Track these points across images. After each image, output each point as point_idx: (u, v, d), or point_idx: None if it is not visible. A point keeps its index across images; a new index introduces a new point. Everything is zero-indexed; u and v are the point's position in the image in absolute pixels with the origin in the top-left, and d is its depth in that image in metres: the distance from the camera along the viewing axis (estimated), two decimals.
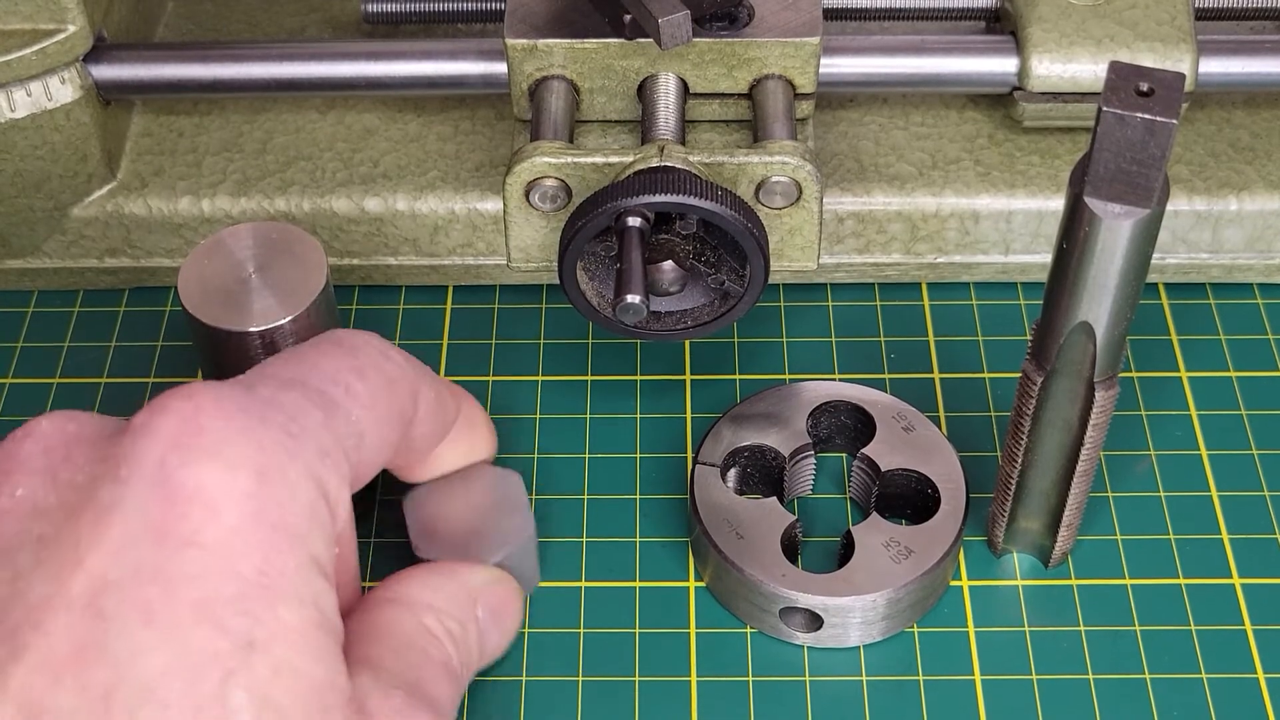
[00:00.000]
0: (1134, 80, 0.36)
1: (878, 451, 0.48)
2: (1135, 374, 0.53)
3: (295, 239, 0.45)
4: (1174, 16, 0.52)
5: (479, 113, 0.56)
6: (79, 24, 0.50)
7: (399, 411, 0.40)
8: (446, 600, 0.42)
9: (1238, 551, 0.48)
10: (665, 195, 0.45)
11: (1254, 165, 0.54)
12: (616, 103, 0.50)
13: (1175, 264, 0.55)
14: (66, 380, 0.54)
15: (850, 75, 0.53)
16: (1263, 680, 0.45)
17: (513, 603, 0.44)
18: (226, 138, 0.55)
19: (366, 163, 0.54)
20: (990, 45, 0.53)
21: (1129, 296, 0.39)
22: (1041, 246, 0.54)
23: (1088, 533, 0.49)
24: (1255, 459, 0.51)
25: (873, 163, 0.54)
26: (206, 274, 0.44)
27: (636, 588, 0.48)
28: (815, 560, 0.48)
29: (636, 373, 0.54)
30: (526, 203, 0.48)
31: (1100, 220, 0.37)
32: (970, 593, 0.48)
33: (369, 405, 0.39)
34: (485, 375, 0.54)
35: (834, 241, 0.54)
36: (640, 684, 0.46)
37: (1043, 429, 0.44)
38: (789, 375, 0.54)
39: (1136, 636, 0.46)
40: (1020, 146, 0.55)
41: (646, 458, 0.51)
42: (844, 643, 0.46)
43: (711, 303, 0.49)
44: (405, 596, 0.41)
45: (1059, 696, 0.45)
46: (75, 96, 0.51)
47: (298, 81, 0.53)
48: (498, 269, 0.55)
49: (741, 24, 0.49)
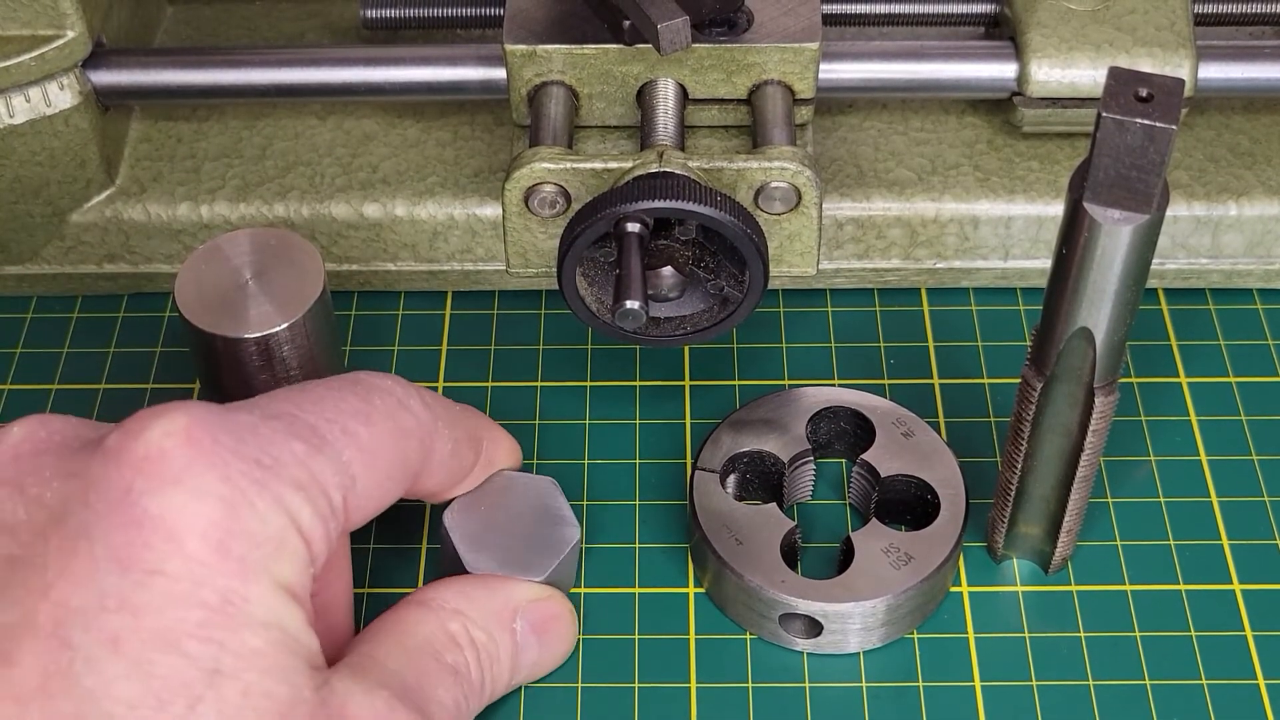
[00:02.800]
0: (1133, 85, 0.36)
1: (877, 457, 0.48)
2: (1135, 379, 0.53)
3: (293, 245, 0.45)
4: (1173, 22, 0.52)
5: (478, 118, 0.56)
6: (78, 30, 0.50)
7: (403, 462, 0.40)
8: (479, 610, 0.42)
9: (1238, 557, 0.48)
10: (664, 201, 0.45)
11: (1253, 170, 0.54)
12: (616, 108, 0.50)
13: (1175, 269, 0.55)
14: (65, 386, 0.54)
15: (849, 81, 0.53)
16: (1263, 686, 0.45)
17: (561, 619, 0.44)
18: (225, 143, 0.55)
19: (365, 168, 0.54)
20: (989, 50, 0.53)
21: (1129, 302, 0.39)
22: (1041, 252, 0.54)
23: (1088, 538, 0.49)
24: (1255, 464, 0.51)
25: (872, 168, 0.54)
26: (203, 280, 0.44)
27: (636, 594, 0.48)
28: (815, 566, 0.48)
29: (636, 378, 0.54)
30: (526, 208, 0.48)
31: (1100, 226, 0.37)
32: (970, 598, 0.48)
33: (368, 450, 0.38)
34: (484, 381, 0.54)
35: (833, 247, 0.54)
36: (640, 690, 0.46)
37: (1042, 434, 0.44)
38: (788, 381, 0.54)
39: (1136, 642, 0.46)
40: (1020, 152, 0.55)
41: (646, 463, 0.51)
42: (843, 649, 0.46)
43: (711, 308, 0.49)
44: (435, 600, 0.41)
45: (1059, 703, 0.45)
46: (74, 102, 0.51)
47: (297, 87, 0.53)
48: (497, 275, 0.55)
49: (741, 29, 0.49)
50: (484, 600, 0.42)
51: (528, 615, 0.43)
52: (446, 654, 0.40)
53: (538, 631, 0.43)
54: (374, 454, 0.39)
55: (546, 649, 0.44)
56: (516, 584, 0.43)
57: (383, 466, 0.39)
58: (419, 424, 0.41)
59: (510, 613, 0.43)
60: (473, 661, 0.41)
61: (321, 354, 0.44)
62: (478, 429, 0.45)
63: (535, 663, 0.44)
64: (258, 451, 0.36)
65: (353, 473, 0.38)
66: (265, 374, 0.44)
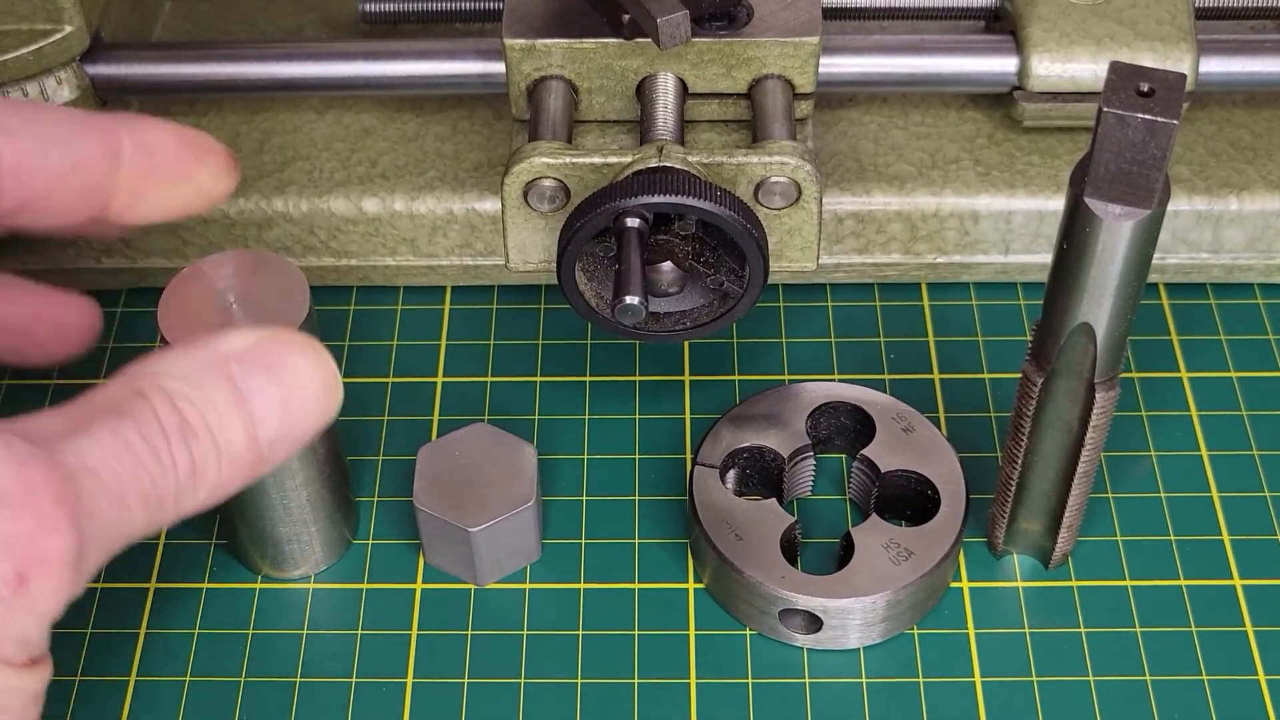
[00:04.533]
0: (1134, 80, 0.36)
1: (877, 452, 0.48)
2: (1136, 374, 0.53)
3: (277, 267, 0.44)
4: (1174, 16, 0.52)
5: (477, 113, 0.56)
6: (76, 24, 0.50)
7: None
8: (176, 365, 0.37)
9: (1238, 552, 0.48)
10: (664, 196, 0.45)
11: (1254, 165, 0.54)
12: (615, 103, 0.50)
13: (1176, 264, 0.55)
14: (64, 381, 0.54)
15: (850, 75, 0.53)
16: (1263, 681, 0.45)
17: (296, 350, 0.38)
18: (224, 138, 0.55)
19: (364, 163, 0.54)
20: (990, 45, 0.53)
21: (1129, 297, 0.39)
22: (1041, 247, 0.54)
23: (1088, 534, 0.49)
24: (1256, 459, 0.51)
25: (872, 163, 0.54)
26: (187, 304, 0.43)
27: (635, 589, 0.48)
28: (815, 562, 0.48)
29: (635, 374, 0.54)
30: (525, 203, 0.48)
31: (1101, 221, 0.37)
32: (970, 594, 0.48)
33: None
34: (483, 376, 0.54)
35: (833, 242, 0.54)
36: (639, 686, 0.46)
37: (1043, 430, 0.44)
38: (788, 376, 0.53)
39: (1137, 638, 0.46)
40: (1020, 146, 0.54)
41: (645, 459, 0.51)
42: (844, 644, 0.46)
43: (710, 303, 0.48)
44: (129, 369, 0.37)
45: (1059, 698, 0.45)
46: (72, 96, 0.51)
47: (295, 81, 0.53)
48: (496, 269, 0.55)
49: (740, 24, 0.49)
50: (182, 356, 0.37)
51: (246, 359, 0.37)
52: (125, 403, 0.36)
53: (266, 369, 0.37)
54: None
55: (293, 388, 0.38)
56: (228, 334, 0.38)
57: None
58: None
59: (218, 360, 0.37)
60: (163, 409, 0.36)
61: None
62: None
63: (286, 405, 0.38)
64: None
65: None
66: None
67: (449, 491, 0.47)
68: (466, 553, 0.47)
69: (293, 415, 0.38)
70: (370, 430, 0.52)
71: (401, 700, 0.45)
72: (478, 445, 0.48)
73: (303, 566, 0.48)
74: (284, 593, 0.48)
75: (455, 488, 0.47)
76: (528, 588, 0.48)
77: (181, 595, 0.48)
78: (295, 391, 0.38)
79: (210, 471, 0.37)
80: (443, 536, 0.47)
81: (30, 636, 0.35)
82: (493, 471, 0.47)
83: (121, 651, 0.47)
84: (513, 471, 0.47)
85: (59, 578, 0.34)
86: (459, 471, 0.47)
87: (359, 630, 0.47)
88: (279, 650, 0.47)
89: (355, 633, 0.47)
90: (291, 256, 0.54)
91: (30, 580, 0.34)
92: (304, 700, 0.46)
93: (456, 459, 0.47)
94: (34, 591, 0.34)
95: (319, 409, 0.39)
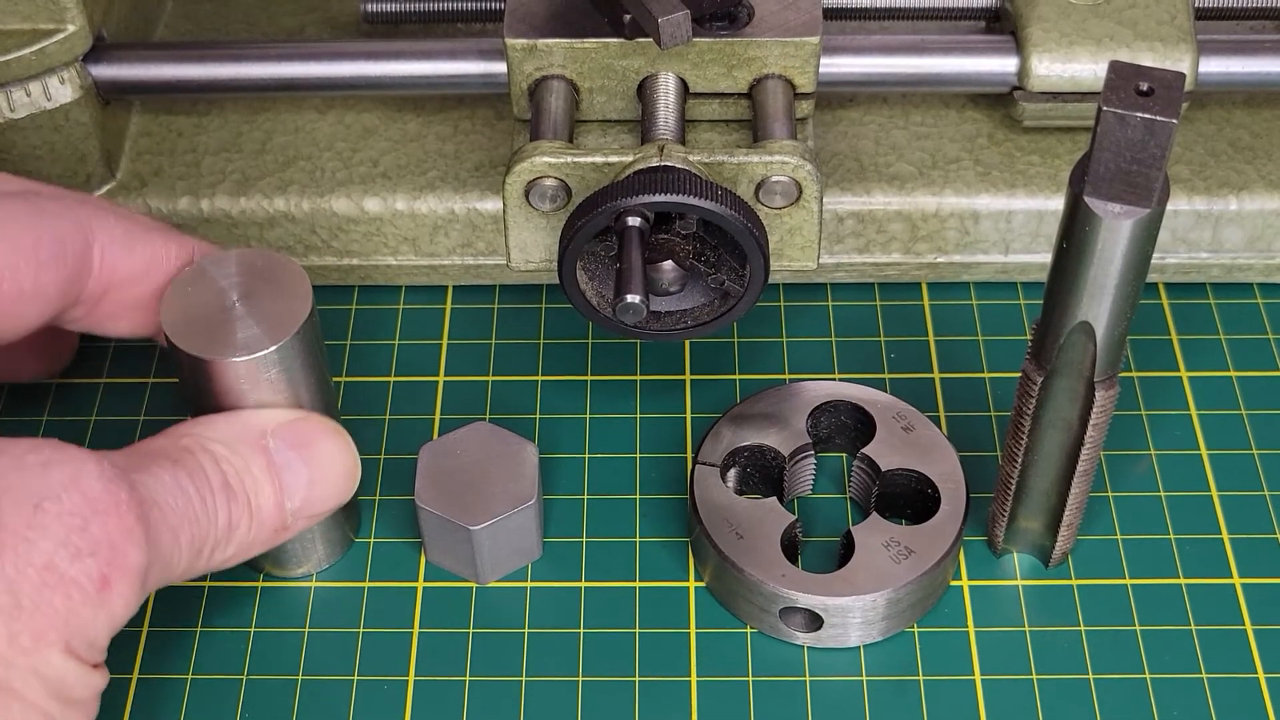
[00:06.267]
0: (1134, 80, 0.36)
1: (878, 451, 0.48)
2: (1135, 374, 0.53)
3: (279, 266, 0.44)
4: (1174, 16, 0.52)
5: (478, 112, 0.56)
6: (78, 24, 0.50)
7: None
8: (219, 431, 0.41)
9: (1238, 551, 0.48)
10: (665, 195, 0.45)
11: (1254, 165, 0.54)
12: (616, 102, 0.50)
13: (1175, 263, 0.55)
14: (65, 381, 0.54)
15: (850, 75, 0.53)
16: (1263, 680, 0.45)
17: (325, 436, 0.42)
18: (226, 137, 0.55)
19: (366, 162, 0.54)
20: (990, 45, 0.53)
21: (1129, 296, 0.39)
22: (1041, 246, 0.54)
23: (1088, 532, 0.49)
24: (1255, 458, 0.51)
25: (872, 162, 0.54)
26: (190, 303, 0.43)
27: (636, 588, 0.48)
28: (815, 560, 0.48)
29: (636, 373, 0.54)
30: (526, 202, 0.48)
31: (1100, 220, 0.37)
32: (970, 592, 0.48)
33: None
34: (485, 375, 0.54)
35: (834, 241, 0.54)
36: (640, 684, 0.46)
37: (1043, 429, 0.44)
38: (789, 375, 0.54)
39: (1137, 636, 0.46)
40: (1020, 146, 0.55)
41: (646, 458, 0.51)
42: (844, 643, 0.46)
43: (711, 302, 0.48)
44: (174, 430, 0.41)
45: (1059, 696, 0.45)
46: (74, 96, 0.51)
47: (297, 81, 0.53)
48: (497, 269, 0.55)
49: (741, 23, 0.49)
50: (224, 424, 0.41)
51: (281, 435, 0.42)
52: (177, 454, 0.39)
53: (298, 448, 0.42)
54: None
55: (319, 468, 0.42)
56: (263, 411, 0.42)
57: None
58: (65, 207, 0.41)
59: (255, 432, 0.41)
60: (209, 465, 0.40)
61: (311, 375, 0.44)
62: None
63: (311, 482, 0.42)
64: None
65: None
66: (254, 397, 0.43)
67: (450, 490, 0.47)
68: (468, 551, 0.47)
69: (316, 492, 0.42)
70: (372, 429, 0.52)
71: (403, 698, 0.46)
72: (479, 444, 0.48)
73: (304, 565, 0.48)
74: (286, 591, 0.48)
75: (457, 486, 0.47)
76: (529, 586, 0.48)
77: (183, 593, 0.48)
78: (321, 471, 0.42)
79: (241, 530, 0.40)
80: (444, 535, 0.47)
81: (100, 640, 0.37)
82: (494, 470, 0.47)
83: (124, 650, 0.47)
84: (514, 470, 0.47)
85: (132, 587, 0.37)
86: (460, 470, 0.47)
87: (360, 628, 0.47)
88: (281, 648, 0.47)
89: (357, 631, 0.47)
90: (293, 256, 0.55)
91: (112, 584, 0.36)
92: (306, 698, 0.46)
93: (458, 458, 0.48)
94: (114, 595, 0.37)
95: (338, 491, 0.43)
